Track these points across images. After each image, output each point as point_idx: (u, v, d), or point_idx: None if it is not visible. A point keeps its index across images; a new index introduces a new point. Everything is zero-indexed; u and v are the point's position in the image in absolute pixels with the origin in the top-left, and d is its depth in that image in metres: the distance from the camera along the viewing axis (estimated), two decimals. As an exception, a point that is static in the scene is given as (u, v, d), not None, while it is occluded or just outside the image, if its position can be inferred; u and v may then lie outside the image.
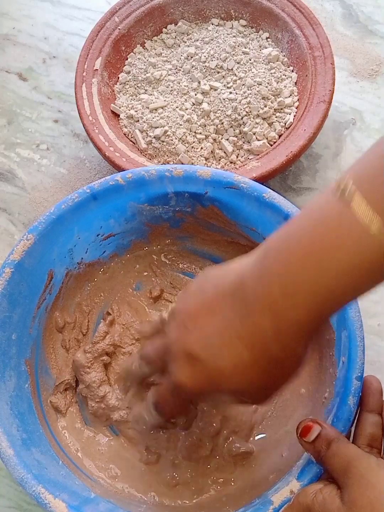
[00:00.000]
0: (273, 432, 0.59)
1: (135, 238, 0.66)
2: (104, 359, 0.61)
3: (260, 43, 0.76)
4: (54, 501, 0.48)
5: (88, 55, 0.75)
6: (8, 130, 0.80)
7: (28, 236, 0.57)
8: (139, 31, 0.78)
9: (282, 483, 0.48)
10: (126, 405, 0.59)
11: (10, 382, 0.54)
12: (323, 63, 0.71)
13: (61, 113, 0.81)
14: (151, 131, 0.71)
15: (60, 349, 0.63)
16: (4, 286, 0.55)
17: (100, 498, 0.52)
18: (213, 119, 0.70)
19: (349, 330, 0.51)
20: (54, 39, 0.86)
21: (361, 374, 0.50)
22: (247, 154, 0.70)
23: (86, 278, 0.65)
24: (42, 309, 0.60)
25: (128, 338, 0.63)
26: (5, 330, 0.55)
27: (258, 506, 0.48)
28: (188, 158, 0.69)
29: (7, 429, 0.51)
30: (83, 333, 0.64)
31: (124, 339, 0.63)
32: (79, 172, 0.77)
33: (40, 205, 0.75)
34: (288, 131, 0.69)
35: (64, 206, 0.58)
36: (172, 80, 0.74)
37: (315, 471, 0.48)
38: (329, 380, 0.54)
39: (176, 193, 0.60)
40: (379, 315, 0.66)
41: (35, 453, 0.52)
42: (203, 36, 0.76)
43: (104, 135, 0.70)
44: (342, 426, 0.48)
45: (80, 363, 0.60)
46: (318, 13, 0.82)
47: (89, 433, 0.60)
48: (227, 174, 0.58)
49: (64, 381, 0.61)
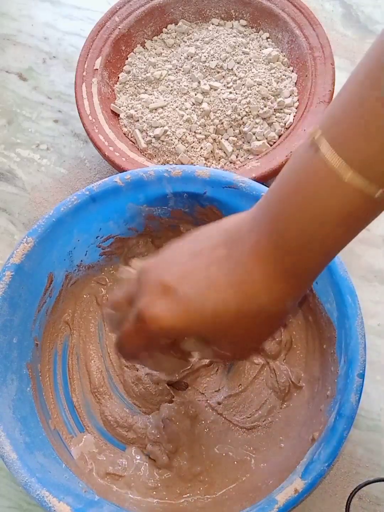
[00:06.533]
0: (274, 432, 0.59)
1: (134, 239, 0.66)
2: None
3: (260, 43, 0.76)
4: (58, 504, 0.48)
5: (88, 54, 0.75)
6: (8, 130, 0.80)
7: (28, 239, 0.57)
8: (139, 31, 0.78)
9: (287, 482, 0.49)
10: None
11: (12, 386, 0.55)
12: (323, 63, 0.70)
13: (61, 113, 0.81)
14: (151, 131, 0.71)
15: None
16: (4, 289, 0.55)
17: (104, 500, 0.52)
18: (213, 119, 0.70)
19: (350, 327, 0.52)
20: (54, 39, 0.86)
21: (362, 371, 0.50)
22: (247, 154, 0.70)
23: (86, 280, 0.66)
24: (42, 312, 0.60)
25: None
26: (6, 333, 0.55)
27: (263, 506, 0.48)
28: (187, 158, 0.69)
29: (10, 433, 0.51)
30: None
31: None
32: (79, 172, 0.77)
33: (40, 205, 0.75)
34: (288, 131, 0.69)
35: (63, 208, 0.58)
36: (172, 80, 0.74)
37: (319, 469, 0.48)
38: (331, 378, 0.54)
39: (175, 194, 0.60)
40: (379, 315, 0.66)
41: (38, 456, 0.52)
42: (203, 36, 0.76)
43: (104, 134, 0.70)
44: (345, 424, 0.49)
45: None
46: (318, 13, 0.82)
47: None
48: (226, 174, 0.59)
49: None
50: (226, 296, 0.39)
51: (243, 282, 0.39)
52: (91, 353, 0.64)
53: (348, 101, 0.35)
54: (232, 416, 0.60)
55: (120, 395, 0.62)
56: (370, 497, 0.59)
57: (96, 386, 0.62)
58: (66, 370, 0.63)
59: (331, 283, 0.54)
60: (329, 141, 0.35)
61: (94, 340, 0.65)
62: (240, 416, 0.60)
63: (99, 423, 0.61)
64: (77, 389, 0.63)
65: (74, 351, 0.64)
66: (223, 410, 0.60)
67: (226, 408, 0.60)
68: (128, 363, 0.50)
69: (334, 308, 0.54)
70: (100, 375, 0.63)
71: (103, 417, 0.61)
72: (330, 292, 0.54)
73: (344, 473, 0.60)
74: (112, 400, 0.62)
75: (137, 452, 0.59)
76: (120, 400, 0.62)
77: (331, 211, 0.36)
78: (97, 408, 0.62)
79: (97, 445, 0.59)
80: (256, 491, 0.53)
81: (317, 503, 0.59)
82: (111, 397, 0.62)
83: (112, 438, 0.61)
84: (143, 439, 0.60)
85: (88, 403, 0.62)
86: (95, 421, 0.61)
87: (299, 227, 0.37)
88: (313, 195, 0.36)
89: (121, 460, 0.59)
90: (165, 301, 0.39)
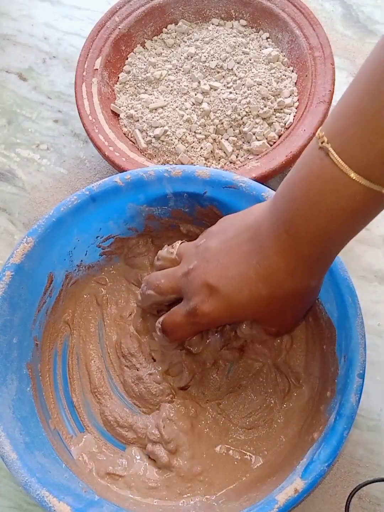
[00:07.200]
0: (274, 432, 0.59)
1: (134, 239, 0.66)
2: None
3: (260, 43, 0.76)
4: (59, 504, 0.48)
5: (88, 54, 0.75)
6: (8, 130, 0.80)
7: (28, 239, 0.57)
8: (139, 31, 0.78)
9: (287, 482, 0.49)
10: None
11: (12, 386, 0.55)
12: (323, 63, 0.70)
13: (61, 113, 0.81)
14: (151, 130, 0.71)
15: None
16: (4, 289, 0.55)
17: (104, 500, 0.52)
18: (213, 119, 0.70)
19: (350, 327, 0.52)
20: (54, 39, 0.86)
21: (363, 371, 0.50)
22: (247, 154, 0.70)
23: (86, 280, 0.66)
24: (42, 312, 0.60)
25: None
26: (6, 333, 0.55)
27: (263, 506, 0.48)
28: (187, 158, 0.69)
29: (10, 433, 0.51)
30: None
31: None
32: (79, 172, 0.77)
33: (40, 205, 0.75)
34: (288, 131, 0.69)
35: (63, 208, 0.58)
36: (172, 80, 0.74)
37: (319, 469, 0.48)
38: (331, 378, 0.54)
39: (175, 194, 0.60)
40: (379, 315, 0.66)
41: (38, 456, 0.52)
42: (203, 36, 0.76)
43: (104, 134, 0.70)
44: (345, 424, 0.49)
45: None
46: (318, 13, 0.82)
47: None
48: (226, 174, 0.59)
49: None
50: (258, 286, 0.47)
51: (270, 273, 0.46)
52: (91, 353, 0.64)
53: (352, 109, 0.40)
54: (232, 416, 0.60)
55: (120, 395, 0.62)
56: (370, 497, 0.59)
57: (96, 386, 0.62)
58: (66, 370, 0.63)
59: (331, 283, 0.54)
60: (335, 149, 0.40)
61: (94, 340, 0.65)
62: (240, 416, 0.60)
63: (99, 423, 0.61)
64: (77, 389, 0.62)
65: (74, 351, 0.64)
66: (223, 410, 0.60)
67: (226, 408, 0.60)
68: (170, 343, 0.57)
69: (334, 308, 0.54)
70: (100, 375, 0.63)
71: (103, 417, 0.61)
72: (330, 292, 0.54)
73: (344, 473, 0.60)
74: (112, 400, 0.62)
75: (137, 452, 0.59)
76: (120, 400, 0.62)
77: (341, 208, 0.41)
78: (97, 408, 0.62)
79: (97, 445, 0.59)
80: (256, 491, 0.53)
81: (317, 503, 0.59)
82: (111, 397, 0.62)
83: (112, 438, 0.60)
84: (143, 439, 0.59)
85: (88, 403, 0.62)
86: (95, 421, 0.61)
87: (314, 222, 0.43)
88: (324, 196, 0.42)
89: (121, 460, 0.59)
90: (212, 299, 0.49)
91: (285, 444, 0.58)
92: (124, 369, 0.63)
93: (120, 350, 0.63)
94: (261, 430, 0.59)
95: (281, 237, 0.45)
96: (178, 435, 0.58)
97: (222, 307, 0.49)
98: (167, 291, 0.54)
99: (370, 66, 0.39)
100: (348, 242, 0.45)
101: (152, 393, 0.61)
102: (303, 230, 0.44)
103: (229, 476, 0.57)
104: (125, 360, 0.63)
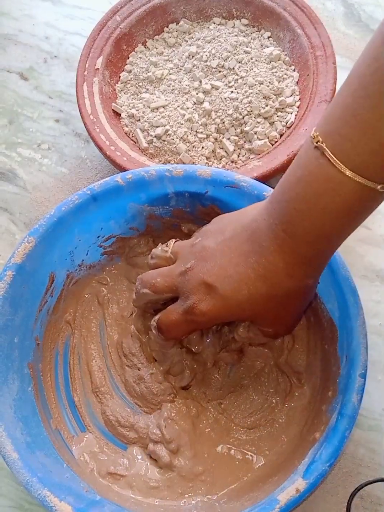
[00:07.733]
0: (276, 432, 0.59)
1: (136, 239, 0.66)
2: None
3: (261, 42, 0.76)
4: (60, 504, 0.48)
5: (90, 54, 0.75)
6: (9, 130, 0.80)
7: (29, 239, 0.57)
8: (140, 30, 0.78)
9: (288, 482, 0.49)
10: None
11: (13, 386, 0.55)
12: (324, 63, 0.70)
13: (62, 112, 0.81)
14: (152, 130, 0.71)
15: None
16: (6, 289, 0.55)
17: (106, 500, 0.52)
18: (214, 118, 0.70)
19: (352, 327, 0.52)
20: (55, 39, 0.86)
21: (364, 371, 0.50)
22: (248, 154, 0.70)
23: (88, 280, 0.66)
24: (43, 311, 0.60)
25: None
26: (7, 333, 0.55)
27: (264, 505, 0.48)
28: (189, 158, 0.69)
29: (11, 432, 0.51)
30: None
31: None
32: (80, 172, 0.77)
33: (41, 205, 0.75)
34: (290, 130, 0.69)
35: (64, 208, 0.58)
36: (173, 79, 0.74)
37: (321, 469, 0.48)
38: (333, 378, 0.54)
39: (176, 193, 0.60)
40: (381, 315, 0.66)
41: (40, 456, 0.52)
42: (204, 35, 0.76)
43: (105, 134, 0.70)
44: (347, 424, 0.49)
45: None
46: (319, 12, 0.82)
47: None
48: (227, 173, 0.59)
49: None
50: (256, 285, 0.47)
51: (268, 272, 0.47)
52: (92, 352, 0.64)
53: (344, 109, 0.40)
54: (233, 415, 0.60)
55: (121, 395, 0.62)
56: (371, 497, 0.59)
57: (97, 385, 0.62)
58: (68, 370, 0.63)
59: (333, 283, 0.54)
60: (330, 148, 0.41)
61: (95, 339, 0.65)
62: (241, 415, 0.60)
63: (101, 423, 0.61)
64: (78, 388, 0.63)
65: (76, 350, 0.64)
66: (225, 409, 0.60)
67: (227, 408, 0.60)
68: (166, 341, 0.57)
69: (335, 308, 0.54)
70: (101, 374, 0.63)
71: (104, 417, 0.61)
72: (332, 292, 0.54)
73: (346, 473, 0.60)
74: (114, 399, 0.62)
75: (139, 452, 0.59)
76: (121, 399, 0.62)
77: (337, 205, 0.42)
78: (99, 407, 0.62)
79: (98, 445, 0.59)
80: (257, 491, 0.53)
81: (318, 503, 0.59)
82: (112, 396, 0.62)
83: (114, 437, 0.60)
84: (145, 439, 0.59)
85: (89, 402, 0.62)
86: (97, 421, 0.61)
87: (310, 222, 0.44)
88: (320, 194, 0.42)
89: (123, 460, 0.59)
90: (210, 298, 0.49)
91: (287, 444, 0.58)
92: (126, 368, 0.63)
93: (121, 350, 0.63)
94: (262, 430, 0.59)
95: (279, 237, 0.46)
96: (179, 434, 0.58)
97: (220, 306, 0.49)
98: (162, 289, 0.54)
99: (360, 66, 0.40)
100: (344, 240, 0.46)
101: (153, 393, 0.61)
102: (301, 229, 0.45)
103: (230, 476, 0.57)
104: (126, 360, 0.63)
